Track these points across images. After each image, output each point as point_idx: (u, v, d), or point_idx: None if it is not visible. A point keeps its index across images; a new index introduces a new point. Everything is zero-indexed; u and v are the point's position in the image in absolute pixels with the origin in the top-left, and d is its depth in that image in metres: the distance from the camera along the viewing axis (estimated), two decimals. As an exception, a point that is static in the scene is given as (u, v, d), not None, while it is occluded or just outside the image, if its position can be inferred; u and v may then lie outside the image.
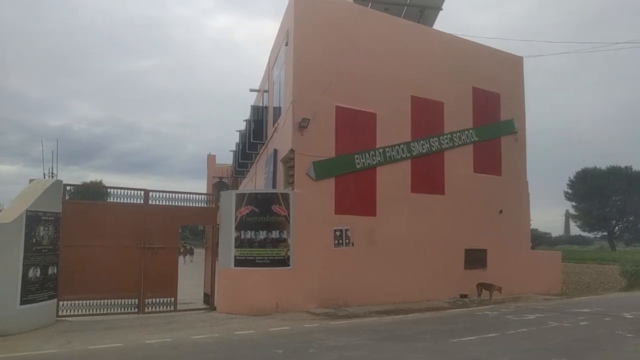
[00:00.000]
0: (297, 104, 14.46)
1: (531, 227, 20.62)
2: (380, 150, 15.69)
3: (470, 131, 17.92)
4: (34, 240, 10.77)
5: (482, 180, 17.90)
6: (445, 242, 16.54)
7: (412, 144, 16.41)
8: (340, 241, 14.63)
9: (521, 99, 19.75)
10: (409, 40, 16.89)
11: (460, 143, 17.59)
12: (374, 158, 15.55)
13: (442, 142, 17.16)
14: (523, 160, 19.49)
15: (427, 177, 16.64)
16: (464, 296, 16.34)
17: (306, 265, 13.75)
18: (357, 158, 15.23)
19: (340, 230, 14.67)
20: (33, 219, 10.76)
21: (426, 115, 16.87)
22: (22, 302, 10.36)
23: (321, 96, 14.74)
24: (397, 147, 16.05)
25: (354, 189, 15.14)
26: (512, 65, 19.67)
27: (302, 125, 14.23)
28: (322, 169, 14.54)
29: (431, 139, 16.87)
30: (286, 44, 15.72)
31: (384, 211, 15.49)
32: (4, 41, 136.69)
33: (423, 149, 16.64)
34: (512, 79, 19.55)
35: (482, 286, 16.11)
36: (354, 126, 15.30)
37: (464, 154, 17.71)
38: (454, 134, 17.46)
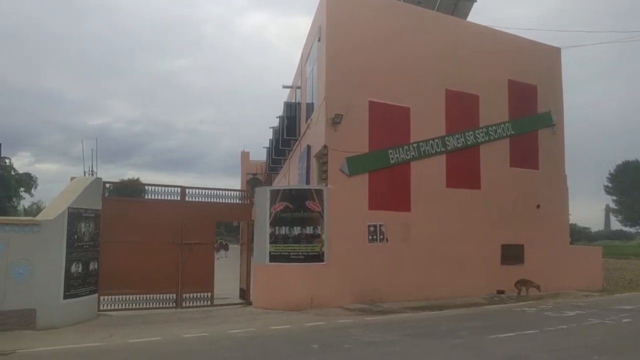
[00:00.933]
0: (330, 99, 14.45)
1: (570, 222, 20.11)
2: (415, 145, 15.55)
3: (507, 124, 17.59)
4: (76, 237, 11.06)
5: (519, 175, 17.56)
6: (481, 238, 16.30)
7: (446, 138, 16.21)
8: (375, 237, 14.59)
9: (559, 91, 19.27)
10: (442, 33, 16.68)
11: (496, 137, 17.29)
12: (408, 153, 15.42)
13: (478, 136, 16.91)
14: (561, 154, 19.03)
15: (463, 171, 16.41)
16: (500, 292, 16.09)
17: (340, 261, 13.75)
18: (391, 153, 15.13)
19: (375, 226, 14.61)
20: (74, 216, 11.05)
21: (461, 108, 16.64)
22: (65, 297, 10.67)
23: (354, 91, 14.70)
24: (431, 141, 15.88)
25: (388, 185, 15.06)
26: (549, 56, 19.20)
27: (335, 121, 14.21)
28: (355, 165, 14.50)
29: (466, 133, 16.63)
30: (319, 40, 15.71)
31: (419, 206, 15.36)
32: (45, 45, 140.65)
33: (458, 143, 16.42)
34: (549, 70, 19.09)
35: (520, 284, 15.84)
36: (388, 121, 15.21)
37: (500, 148, 17.40)
38: (490, 128, 17.17)
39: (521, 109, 18.03)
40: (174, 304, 12.91)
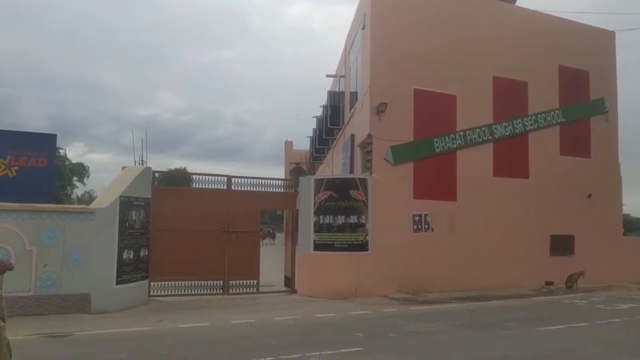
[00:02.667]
0: (375, 88, 14.35)
1: (623, 212, 19.40)
2: (461, 133, 15.30)
3: (557, 111, 17.07)
4: (127, 224, 11.41)
5: (570, 163, 17.04)
6: (529, 228, 15.93)
7: (494, 126, 15.87)
8: (420, 226, 14.47)
9: (613, 77, 18.54)
10: (490, 19, 16.28)
11: (545, 124, 16.81)
12: (454, 141, 15.19)
13: (526, 123, 16.47)
14: (614, 141, 18.34)
15: (510, 160, 16.05)
16: (549, 284, 15.72)
17: (385, 250, 13.72)
18: (437, 142, 14.93)
19: (420, 216, 14.49)
20: (126, 204, 11.39)
21: (509, 96, 16.24)
22: (118, 282, 11.05)
23: (399, 80, 14.54)
24: (478, 129, 15.58)
25: (434, 174, 14.89)
26: (602, 40, 18.46)
27: (379, 110, 14.12)
28: (400, 154, 14.39)
29: (514, 121, 16.23)
30: (363, 28, 15.59)
31: (465, 196, 15.13)
32: (96, 38, 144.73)
33: (506, 131, 16.05)
34: (602, 55, 18.37)
35: (569, 280, 15.42)
36: (433, 109, 15.00)
37: (550, 136, 16.91)
38: (539, 115, 16.70)
39: (572, 96, 17.45)
40: (221, 290, 13.18)
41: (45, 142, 11.16)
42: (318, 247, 13.64)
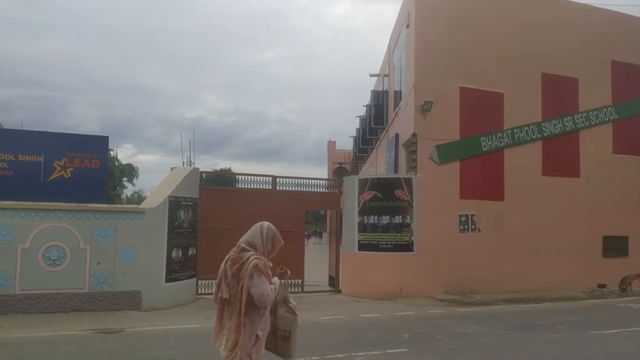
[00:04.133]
0: (419, 86, 14.22)
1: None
2: (508, 131, 14.97)
3: (609, 108, 16.48)
4: (176, 224, 11.68)
5: (623, 162, 16.40)
6: (580, 229, 15.44)
7: (543, 124, 15.46)
8: (466, 227, 14.24)
9: (670, 71, 17.75)
10: (538, 13, 15.84)
11: (597, 122, 16.25)
12: (502, 140, 14.87)
13: (577, 121, 15.97)
14: (672, 139, 17.56)
15: (560, 159, 15.60)
16: (602, 286, 15.19)
17: (430, 251, 13.57)
18: (483, 140, 14.66)
19: (466, 216, 14.27)
20: (174, 204, 11.67)
21: (558, 93, 15.78)
22: (167, 280, 11.33)
23: (444, 78, 14.36)
24: (526, 127, 15.21)
25: (480, 173, 14.62)
26: (659, 33, 17.69)
27: (424, 109, 13.97)
28: (445, 153, 14.20)
29: (564, 119, 15.76)
30: (407, 27, 15.46)
31: (513, 195, 14.80)
32: (144, 42, 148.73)
33: (555, 129, 15.61)
34: (659, 49, 17.60)
35: (623, 283, 14.85)
36: (479, 107, 14.74)
37: (602, 134, 16.32)
38: (590, 112, 16.16)
39: (626, 92, 16.79)
40: (266, 289, 13.28)
41: (98, 144, 11.55)
42: (362, 247, 13.61)
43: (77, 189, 10.84)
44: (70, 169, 10.89)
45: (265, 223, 3.93)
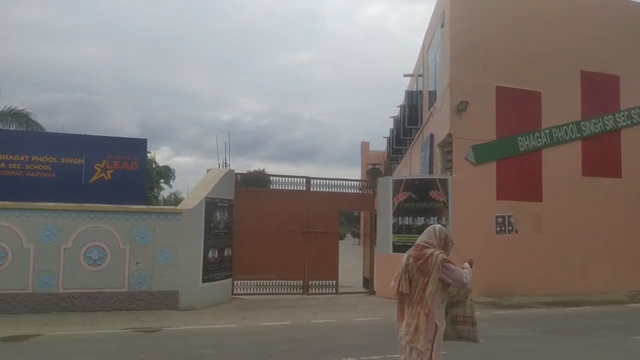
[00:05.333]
0: (454, 86, 14.06)
1: None
2: (547, 131, 14.65)
3: (653, 106, 15.94)
4: (212, 225, 11.84)
5: (668, 161, 15.86)
6: (622, 230, 14.97)
7: (582, 123, 15.07)
8: (503, 228, 14.01)
9: None
10: (577, 9, 15.45)
11: (639, 120, 15.76)
12: (539, 140, 14.57)
13: (618, 120, 15.52)
14: None
15: (601, 159, 15.17)
16: (646, 290, 14.73)
17: (466, 253, 13.19)
18: (520, 140, 14.39)
19: (503, 217, 14.03)
20: (210, 205, 11.82)
21: (599, 91, 15.36)
22: (204, 280, 11.49)
23: (480, 77, 14.16)
24: (565, 127, 14.86)
25: (518, 173, 14.35)
26: None
27: (460, 108, 13.81)
28: (482, 153, 14.00)
29: (605, 117, 15.34)
30: (442, 26, 15.32)
31: (551, 196, 14.47)
32: (180, 46, 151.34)
33: (596, 129, 15.20)
34: None
35: None
36: (516, 107, 14.48)
37: (645, 133, 15.82)
38: (633, 111, 15.68)
39: (671, 89, 16.22)
40: (301, 290, 13.36)
41: (137, 147, 11.78)
42: (397, 248, 13.51)
43: (117, 190, 11.08)
44: (110, 171, 11.15)
45: (437, 226, 4.46)
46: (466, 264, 4.48)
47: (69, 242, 10.39)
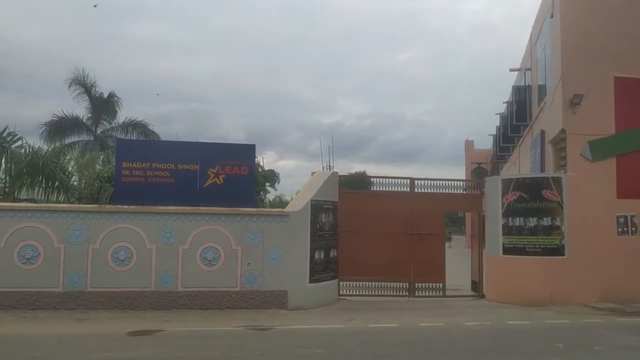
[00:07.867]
0: (567, 79, 13.27)
1: None
2: (674, 123, 13.41)
3: None
4: (318, 226, 12.08)
5: None
6: None
7: None
8: (625, 229, 13.00)
9: None
10: None
11: None
12: (666, 133, 13.37)
13: None
14: None
15: None
16: None
17: (584, 255, 12.56)
18: (643, 134, 13.30)
19: (625, 217, 13.02)
20: (316, 208, 12.07)
21: None
22: (311, 281, 11.74)
23: (595, 68, 13.24)
24: (696, 117, 13.52)
25: (641, 169, 13.26)
26: None
27: (574, 102, 13.02)
28: (599, 149, 13.09)
29: None
30: (551, 16, 14.52)
31: (682, 194, 13.21)
32: (282, 52, 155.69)
33: None
34: None
35: None
36: (638, 98, 13.39)
37: None
38: None
39: None
40: (407, 292, 13.23)
41: (246, 152, 12.25)
42: (507, 250, 13.01)
43: (229, 194, 11.58)
44: (222, 176, 11.66)
45: None
46: None
47: (187, 244, 11.07)
